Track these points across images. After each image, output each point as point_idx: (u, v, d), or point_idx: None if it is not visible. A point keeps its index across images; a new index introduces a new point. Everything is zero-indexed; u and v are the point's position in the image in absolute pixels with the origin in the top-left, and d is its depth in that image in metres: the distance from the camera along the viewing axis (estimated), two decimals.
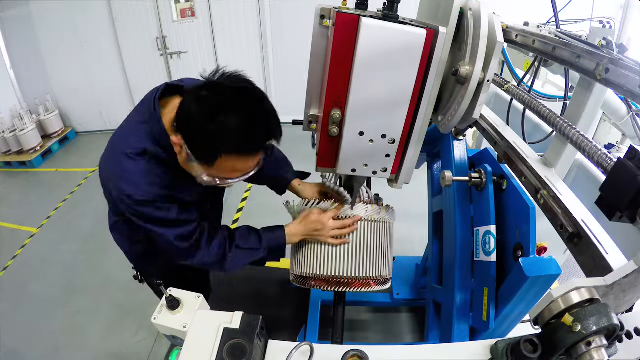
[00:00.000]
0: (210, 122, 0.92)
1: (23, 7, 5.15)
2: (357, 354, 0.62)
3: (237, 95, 0.95)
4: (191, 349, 0.69)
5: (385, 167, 1.05)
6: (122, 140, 1.13)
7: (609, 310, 0.55)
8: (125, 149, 1.09)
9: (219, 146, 0.95)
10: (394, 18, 0.83)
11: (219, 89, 0.96)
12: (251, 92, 0.98)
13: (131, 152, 1.08)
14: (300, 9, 4.68)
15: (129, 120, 1.18)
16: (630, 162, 0.68)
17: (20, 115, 5.13)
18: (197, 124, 0.95)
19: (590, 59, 0.89)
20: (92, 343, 2.55)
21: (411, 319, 2.51)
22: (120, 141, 1.13)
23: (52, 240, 3.64)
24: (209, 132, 0.94)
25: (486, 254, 1.29)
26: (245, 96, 0.96)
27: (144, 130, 1.10)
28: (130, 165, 1.08)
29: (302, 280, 1.40)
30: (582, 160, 1.77)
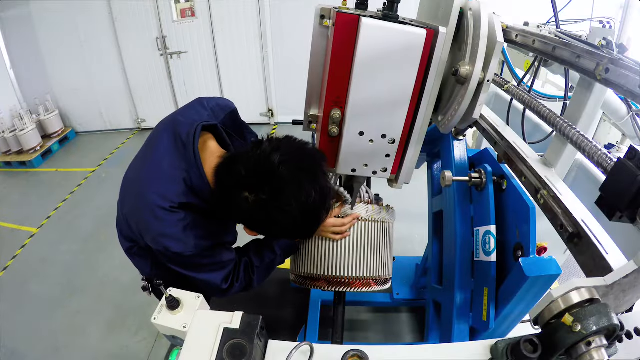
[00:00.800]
0: (269, 218, 0.91)
1: (23, 7, 5.15)
2: (357, 354, 0.62)
3: (299, 188, 0.88)
4: (191, 349, 0.69)
5: (385, 167, 1.05)
6: (156, 188, 1.03)
7: (609, 310, 0.55)
8: (162, 202, 1.01)
9: (274, 234, 1.06)
10: (394, 18, 0.83)
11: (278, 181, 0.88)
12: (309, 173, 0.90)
13: (170, 206, 1.01)
14: (300, 9, 4.68)
15: (157, 162, 1.07)
16: (630, 162, 0.68)
17: (20, 115, 5.13)
18: (256, 218, 0.94)
19: (590, 59, 0.89)
20: (92, 343, 2.55)
21: (411, 319, 2.51)
22: (155, 189, 1.03)
23: (52, 240, 3.64)
24: (267, 224, 0.95)
25: (486, 254, 1.29)
26: (306, 186, 0.89)
27: (183, 181, 1.03)
28: (172, 221, 1.02)
29: (302, 280, 1.40)
30: (582, 160, 1.77)
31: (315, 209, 0.92)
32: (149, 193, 1.03)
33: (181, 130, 1.06)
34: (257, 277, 1.30)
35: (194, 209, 1.05)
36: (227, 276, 1.20)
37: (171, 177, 1.03)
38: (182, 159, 1.04)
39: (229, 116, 1.25)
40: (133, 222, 1.12)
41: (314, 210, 0.92)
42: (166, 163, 1.05)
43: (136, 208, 1.08)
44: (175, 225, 1.02)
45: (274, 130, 5.48)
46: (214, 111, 1.20)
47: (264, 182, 0.88)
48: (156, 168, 1.07)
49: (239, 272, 1.25)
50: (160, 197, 1.01)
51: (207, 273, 1.15)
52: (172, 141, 1.07)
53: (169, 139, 1.08)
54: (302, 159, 0.93)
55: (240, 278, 1.25)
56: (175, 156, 1.05)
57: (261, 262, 1.30)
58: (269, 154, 0.90)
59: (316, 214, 0.94)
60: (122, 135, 5.70)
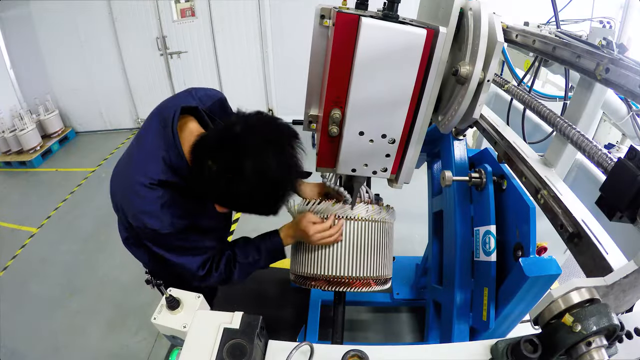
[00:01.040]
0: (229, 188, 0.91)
1: (23, 7, 5.15)
2: (357, 354, 0.62)
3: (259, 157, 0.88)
4: (191, 349, 0.69)
5: (386, 167, 1.05)
6: (138, 167, 1.09)
7: (609, 310, 0.55)
8: (143, 179, 1.06)
9: (237, 207, 1.02)
10: (394, 18, 0.83)
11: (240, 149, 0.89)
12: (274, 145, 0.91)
13: (150, 182, 1.06)
14: (300, 9, 4.68)
15: (142, 144, 1.14)
16: (630, 162, 0.68)
17: (20, 115, 5.12)
18: (218, 188, 0.93)
19: (590, 59, 0.89)
20: (92, 343, 2.55)
21: (411, 319, 2.51)
22: (137, 169, 1.09)
23: (52, 240, 3.64)
24: (229, 196, 0.94)
25: (486, 254, 1.29)
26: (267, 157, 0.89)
27: (162, 160, 1.08)
28: (151, 198, 1.06)
29: (302, 280, 1.40)
30: (582, 160, 1.77)
31: (275, 182, 0.91)
32: (132, 172, 1.09)
33: (165, 114, 1.11)
34: (238, 272, 1.30)
35: (172, 187, 1.08)
36: (205, 263, 1.22)
37: (152, 155, 1.08)
38: (162, 138, 1.09)
39: (217, 104, 1.27)
40: (119, 202, 1.15)
41: (275, 183, 0.91)
42: (149, 143, 1.11)
43: (121, 187, 1.14)
44: (154, 202, 1.06)
45: None
46: (202, 99, 1.23)
47: (226, 149, 0.90)
48: (141, 149, 1.13)
49: (219, 263, 1.26)
50: (141, 175, 1.06)
51: (185, 256, 1.18)
52: (157, 124, 1.12)
53: (155, 123, 1.13)
54: (269, 131, 0.93)
55: (221, 269, 1.26)
56: (157, 137, 1.10)
57: (244, 258, 1.30)
58: (235, 123, 0.92)
59: (277, 188, 0.93)
60: (122, 135, 5.69)
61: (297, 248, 1.43)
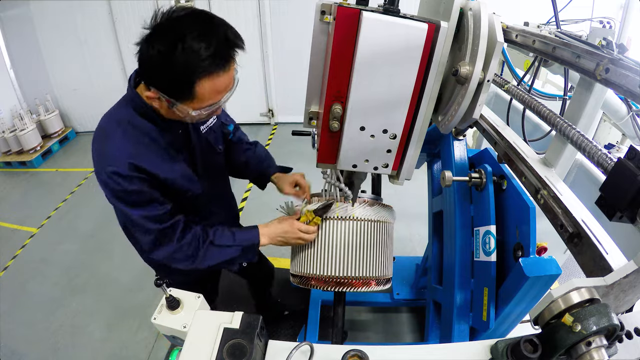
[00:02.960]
0: (172, 56, 0.93)
1: (23, 7, 5.15)
2: (357, 354, 0.62)
3: (183, 24, 0.95)
4: (191, 349, 0.69)
5: (387, 162, 1.04)
6: (102, 121, 1.17)
7: (609, 310, 0.55)
8: (106, 122, 1.15)
9: (192, 74, 0.96)
10: (395, 12, 0.83)
11: (164, 27, 0.96)
12: (197, 15, 0.98)
13: (111, 124, 1.13)
14: (300, 9, 4.68)
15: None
16: (630, 162, 0.68)
17: (20, 115, 5.13)
18: (162, 65, 0.96)
19: (590, 59, 0.89)
20: (92, 343, 2.55)
21: (411, 319, 2.51)
22: (101, 122, 1.17)
23: (52, 240, 3.64)
24: (176, 66, 0.94)
25: (486, 254, 1.29)
26: (191, 20, 0.96)
27: (123, 102, 1.17)
28: (109, 138, 1.11)
29: (302, 280, 1.40)
30: (582, 160, 1.77)
31: (186, 58, 0.93)
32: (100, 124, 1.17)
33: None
34: (205, 254, 1.23)
35: (133, 127, 1.12)
36: (154, 217, 1.15)
37: (117, 105, 1.20)
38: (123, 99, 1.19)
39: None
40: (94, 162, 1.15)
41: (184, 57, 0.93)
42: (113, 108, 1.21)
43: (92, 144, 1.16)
44: (112, 140, 1.10)
45: (274, 130, 5.48)
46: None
47: (155, 24, 0.98)
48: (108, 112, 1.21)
49: (184, 233, 1.20)
50: (106, 120, 1.16)
51: (132, 207, 1.13)
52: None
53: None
54: (202, 18, 0.98)
55: (185, 241, 1.20)
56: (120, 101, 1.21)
57: (218, 240, 1.26)
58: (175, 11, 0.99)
59: (185, 65, 0.94)
60: None
61: (297, 248, 1.44)
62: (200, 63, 0.95)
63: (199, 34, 0.94)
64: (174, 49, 0.93)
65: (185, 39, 0.93)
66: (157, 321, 0.84)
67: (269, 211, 1.76)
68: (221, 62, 0.98)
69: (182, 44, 0.92)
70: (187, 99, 1.01)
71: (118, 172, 1.07)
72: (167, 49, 0.93)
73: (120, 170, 1.07)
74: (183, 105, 1.03)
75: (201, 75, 0.97)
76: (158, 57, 0.95)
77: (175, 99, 1.01)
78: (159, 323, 0.84)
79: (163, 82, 1.00)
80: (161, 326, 0.84)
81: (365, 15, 0.80)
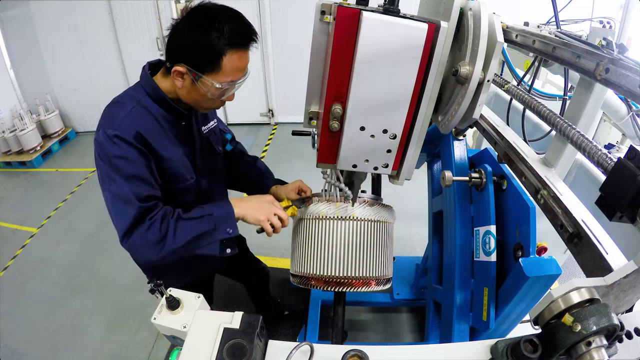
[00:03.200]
0: (206, 32, 1.07)
1: (23, 7, 5.15)
2: (357, 354, 0.62)
3: (217, 8, 1.11)
4: (191, 349, 0.69)
5: (387, 162, 1.04)
6: (116, 97, 1.24)
7: (609, 310, 0.55)
8: (121, 96, 1.23)
9: (223, 45, 1.08)
10: (395, 12, 0.83)
11: (200, 10, 1.11)
12: (225, 7, 1.13)
13: (126, 98, 1.20)
14: (300, 9, 4.68)
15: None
16: (630, 162, 0.68)
17: (20, 115, 5.13)
18: (196, 39, 1.08)
19: (590, 59, 0.89)
20: (92, 343, 2.55)
21: (411, 319, 2.51)
22: (119, 95, 1.24)
23: (52, 240, 3.64)
24: (209, 39, 1.07)
25: (486, 254, 1.29)
26: (223, 8, 1.12)
27: (137, 86, 1.24)
28: (122, 107, 1.17)
29: (302, 280, 1.40)
30: (582, 160, 1.77)
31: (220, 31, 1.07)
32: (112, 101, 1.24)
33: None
34: (174, 230, 1.14)
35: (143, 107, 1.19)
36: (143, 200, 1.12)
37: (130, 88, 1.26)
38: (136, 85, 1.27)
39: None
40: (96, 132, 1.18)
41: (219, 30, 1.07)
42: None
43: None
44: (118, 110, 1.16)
45: (274, 130, 5.48)
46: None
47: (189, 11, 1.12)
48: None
49: (156, 213, 1.14)
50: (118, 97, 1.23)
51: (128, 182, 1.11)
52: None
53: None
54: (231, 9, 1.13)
55: (157, 218, 1.13)
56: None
57: (187, 214, 1.18)
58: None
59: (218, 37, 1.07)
60: None
61: (296, 248, 1.43)
62: (231, 37, 1.08)
63: (231, 17, 1.10)
64: (208, 27, 1.06)
65: (220, 17, 1.08)
66: (157, 321, 0.84)
67: None
68: (246, 41, 1.13)
69: (218, 20, 1.07)
70: (213, 70, 1.11)
71: (120, 136, 1.11)
72: (202, 27, 1.07)
73: (124, 135, 1.11)
74: (208, 77, 1.12)
75: (231, 48, 1.09)
76: (193, 34, 1.08)
77: (202, 72, 1.11)
78: (159, 323, 0.84)
79: (193, 55, 1.10)
80: (161, 326, 0.84)
81: (365, 15, 0.80)
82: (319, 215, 1.36)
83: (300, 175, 1.64)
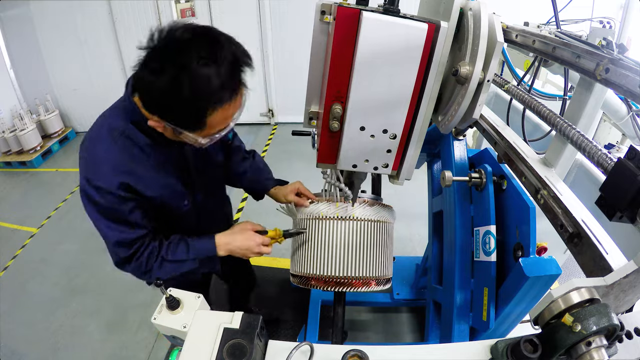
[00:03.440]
0: (180, 87, 0.85)
1: (23, 7, 5.15)
2: (357, 354, 0.62)
3: (188, 46, 0.86)
4: (191, 349, 0.69)
5: (387, 162, 1.05)
6: (97, 122, 1.12)
7: (609, 310, 0.55)
8: (97, 130, 1.09)
9: (204, 107, 0.90)
10: (395, 12, 0.83)
11: (167, 51, 0.87)
12: (202, 36, 0.89)
13: (102, 132, 1.07)
14: (300, 9, 4.69)
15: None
16: (630, 162, 0.68)
17: (20, 115, 5.13)
18: (169, 99, 0.88)
19: (590, 59, 0.89)
20: (92, 343, 2.55)
21: (411, 319, 2.51)
22: (95, 123, 1.12)
23: (52, 240, 3.64)
24: (185, 98, 0.86)
25: (486, 254, 1.29)
26: (197, 43, 0.87)
27: (118, 110, 1.09)
28: (99, 149, 1.07)
29: (302, 280, 1.40)
30: (582, 160, 1.77)
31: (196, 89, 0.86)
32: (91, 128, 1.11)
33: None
34: (158, 269, 1.20)
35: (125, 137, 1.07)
36: (125, 242, 1.14)
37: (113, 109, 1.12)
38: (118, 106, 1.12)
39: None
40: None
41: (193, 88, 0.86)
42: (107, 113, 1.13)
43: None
44: (99, 151, 1.06)
45: (274, 130, 5.48)
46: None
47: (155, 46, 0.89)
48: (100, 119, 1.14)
49: (144, 251, 1.18)
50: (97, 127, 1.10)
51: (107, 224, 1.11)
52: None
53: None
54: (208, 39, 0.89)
55: (142, 259, 1.18)
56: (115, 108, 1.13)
57: (171, 256, 1.21)
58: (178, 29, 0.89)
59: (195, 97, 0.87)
60: None
61: (296, 248, 1.44)
62: (211, 94, 0.89)
63: (207, 58, 0.86)
64: (182, 78, 0.85)
65: (192, 66, 0.84)
66: (157, 321, 0.84)
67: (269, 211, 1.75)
68: (233, 89, 0.93)
69: (190, 72, 0.84)
70: (197, 129, 0.96)
71: (104, 188, 1.05)
72: (173, 78, 0.85)
73: (107, 186, 1.05)
74: (190, 133, 0.98)
75: (213, 106, 0.91)
76: (163, 86, 0.87)
77: (183, 128, 0.96)
78: (159, 323, 0.84)
79: (169, 112, 0.94)
80: (161, 326, 0.84)
81: (365, 15, 0.80)
82: (319, 215, 1.36)
83: (300, 175, 1.64)
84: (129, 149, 1.08)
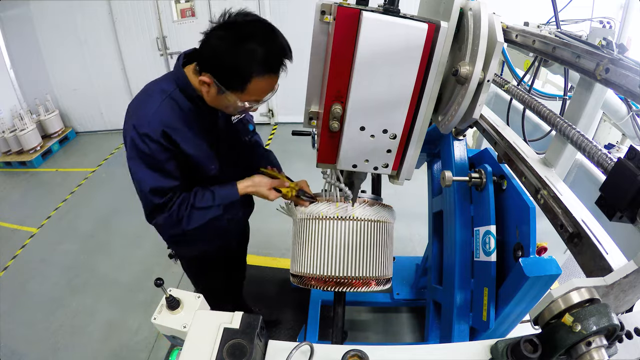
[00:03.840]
0: (237, 51, 1.07)
1: (23, 7, 5.15)
2: (357, 354, 0.62)
3: (253, 26, 1.10)
4: (191, 349, 0.69)
5: (387, 162, 1.05)
6: (148, 85, 1.29)
7: (609, 310, 0.55)
8: (150, 87, 1.27)
9: (251, 71, 1.09)
10: (395, 12, 0.83)
11: (235, 25, 1.09)
12: (262, 22, 1.13)
13: (154, 90, 1.24)
14: (300, 9, 4.68)
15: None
16: (630, 162, 0.68)
17: (20, 115, 5.13)
18: (226, 56, 1.08)
19: (590, 59, 0.89)
20: (92, 343, 2.55)
21: (411, 319, 2.51)
22: (147, 86, 1.29)
23: (52, 240, 3.64)
24: (239, 60, 1.08)
25: (486, 254, 1.29)
26: (260, 25, 1.11)
27: (170, 78, 1.27)
28: (150, 102, 1.21)
29: (302, 280, 1.40)
30: (582, 160, 1.77)
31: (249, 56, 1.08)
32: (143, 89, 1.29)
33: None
34: (189, 218, 1.33)
35: (172, 100, 1.23)
36: (161, 189, 1.26)
37: (163, 77, 1.30)
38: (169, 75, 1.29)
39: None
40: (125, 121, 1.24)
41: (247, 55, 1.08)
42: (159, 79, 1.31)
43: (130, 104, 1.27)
44: (149, 104, 1.21)
45: (274, 130, 5.48)
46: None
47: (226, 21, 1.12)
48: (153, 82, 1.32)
49: (174, 204, 1.30)
50: (149, 86, 1.28)
51: (145, 170, 1.23)
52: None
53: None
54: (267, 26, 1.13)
55: (174, 208, 1.30)
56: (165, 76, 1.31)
57: (199, 202, 1.34)
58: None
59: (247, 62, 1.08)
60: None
61: (297, 248, 1.44)
62: (258, 63, 1.09)
63: (264, 39, 1.09)
64: (241, 46, 1.06)
65: (251, 39, 1.06)
66: (157, 321, 0.84)
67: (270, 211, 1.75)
68: (275, 67, 1.14)
69: (248, 43, 1.06)
70: (238, 90, 1.14)
71: (149, 135, 1.17)
72: (235, 44, 1.06)
73: (152, 134, 1.17)
74: (232, 94, 1.15)
75: (257, 74, 1.10)
76: (225, 49, 1.08)
77: (227, 88, 1.13)
78: (159, 323, 0.84)
79: (222, 71, 1.12)
80: (161, 326, 0.84)
81: (365, 15, 0.80)
82: (319, 215, 1.36)
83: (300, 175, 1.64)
84: (174, 109, 1.23)
